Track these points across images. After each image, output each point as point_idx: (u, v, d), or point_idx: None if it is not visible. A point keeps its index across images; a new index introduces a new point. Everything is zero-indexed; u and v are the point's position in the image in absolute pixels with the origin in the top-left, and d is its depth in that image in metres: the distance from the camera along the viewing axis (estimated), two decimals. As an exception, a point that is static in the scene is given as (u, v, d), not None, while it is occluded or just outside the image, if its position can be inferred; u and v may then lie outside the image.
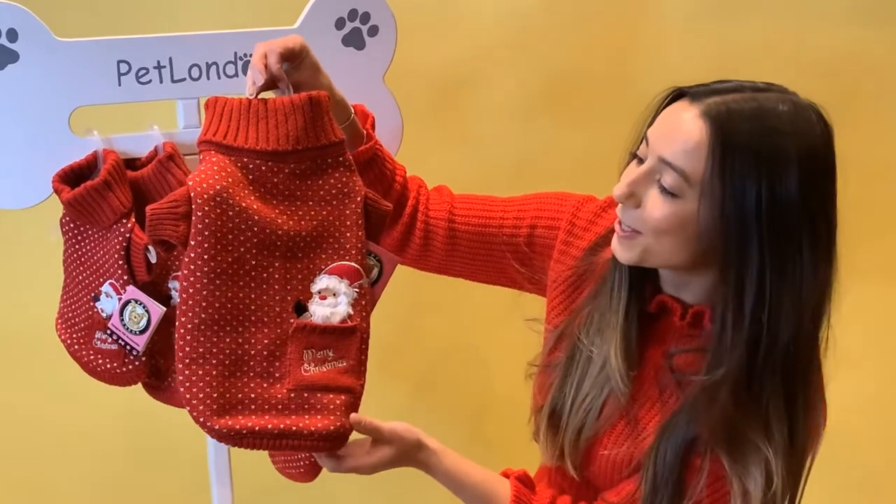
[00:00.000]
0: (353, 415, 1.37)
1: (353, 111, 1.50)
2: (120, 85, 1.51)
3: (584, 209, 1.50)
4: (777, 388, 1.30)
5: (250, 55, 1.43)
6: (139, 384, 1.59)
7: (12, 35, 1.45)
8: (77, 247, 1.54)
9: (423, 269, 1.62)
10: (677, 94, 1.32)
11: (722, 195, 1.24)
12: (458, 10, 2.10)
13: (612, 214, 1.40)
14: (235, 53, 1.55)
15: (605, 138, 2.08)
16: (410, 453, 1.41)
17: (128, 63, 1.51)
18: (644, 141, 1.32)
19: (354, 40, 1.61)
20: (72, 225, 1.53)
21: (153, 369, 1.56)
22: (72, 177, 1.50)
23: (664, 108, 1.32)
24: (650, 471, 1.34)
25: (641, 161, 1.31)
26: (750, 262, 1.25)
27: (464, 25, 2.10)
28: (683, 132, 1.27)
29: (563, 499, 1.45)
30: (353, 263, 1.39)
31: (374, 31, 1.61)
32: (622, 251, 1.34)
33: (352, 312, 1.38)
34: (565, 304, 1.48)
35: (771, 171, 1.24)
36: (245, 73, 1.54)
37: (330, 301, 1.38)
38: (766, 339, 1.27)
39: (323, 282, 1.39)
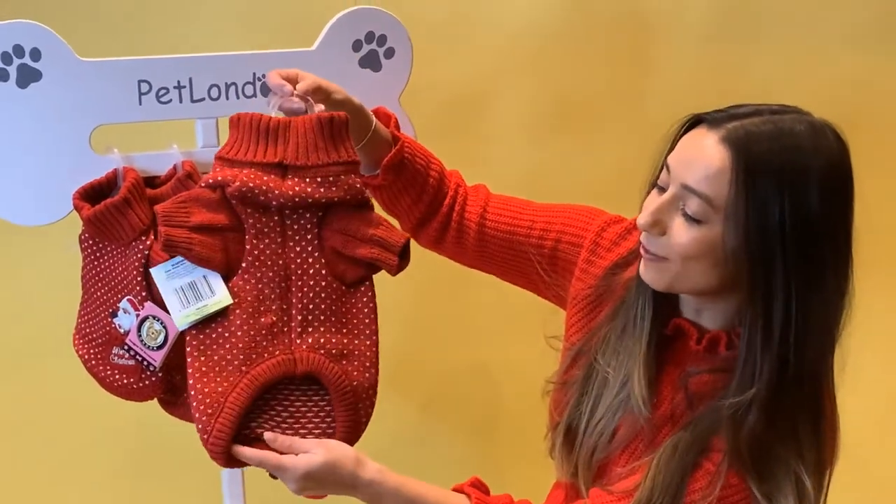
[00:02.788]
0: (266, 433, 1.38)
1: (374, 120, 1.49)
2: (140, 104, 1.53)
3: (610, 230, 1.50)
4: (805, 405, 1.31)
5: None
6: (154, 399, 1.61)
7: (35, 54, 1.47)
8: (95, 263, 1.55)
9: (460, 263, 1.63)
10: (695, 121, 1.33)
11: (746, 217, 1.25)
12: (472, 30, 2.11)
13: (636, 236, 1.40)
14: (254, 74, 1.57)
15: (617, 159, 2.11)
16: (344, 467, 1.34)
17: (148, 83, 1.53)
18: (665, 169, 1.33)
19: (371, 62, 1.63)
20: (91, 242, 1.54)
21: (169, 385, 1.57)
22: (92, 194, 1.51)
23: (682, 135, 1.33)
24: (653, 468, 1.33)
25: (663, 190, 1.32)
26: (776, 281, 1.26)
27: (477, 46, 2.12)
28: (705, 158, 1.28)
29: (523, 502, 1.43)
30: None
31: (390, 53, 1.63)
32: (651, 275, 1.34)
33: None
34: (583, 321, 1.49)
35: (793, 190, 1.25)
36: (263, 94, 1.56)
37: None
38: (794, 357, 1.28)
39: None
